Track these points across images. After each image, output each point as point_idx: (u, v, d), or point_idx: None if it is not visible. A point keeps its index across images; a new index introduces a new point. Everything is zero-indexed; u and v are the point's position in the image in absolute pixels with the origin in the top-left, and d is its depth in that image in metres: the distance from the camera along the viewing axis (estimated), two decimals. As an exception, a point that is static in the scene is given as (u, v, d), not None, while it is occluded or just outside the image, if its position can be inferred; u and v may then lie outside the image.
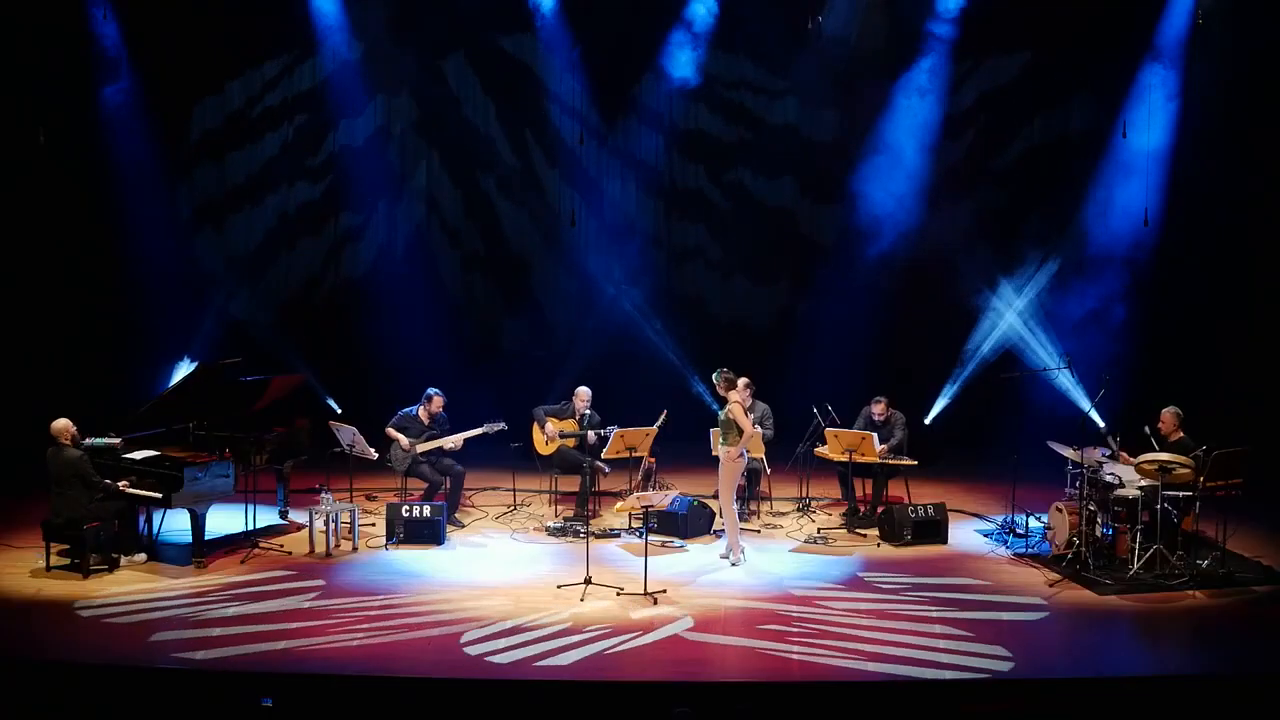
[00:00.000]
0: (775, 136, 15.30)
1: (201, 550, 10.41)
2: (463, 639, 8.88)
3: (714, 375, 10.65)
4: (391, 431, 11.71)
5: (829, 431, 11.65)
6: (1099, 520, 10.49)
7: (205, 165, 14.97)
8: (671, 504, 11.12)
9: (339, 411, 14.21)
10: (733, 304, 15.65)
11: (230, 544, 11.00)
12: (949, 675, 8.32)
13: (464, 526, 11.76)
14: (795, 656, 8.62)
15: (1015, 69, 14.89)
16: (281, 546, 11.01)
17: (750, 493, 12.06)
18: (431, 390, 11.82)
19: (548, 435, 12.09)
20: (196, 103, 14.79)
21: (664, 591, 9.76)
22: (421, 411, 11.78)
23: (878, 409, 11.96)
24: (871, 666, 8.46)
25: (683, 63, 14.75)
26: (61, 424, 10.16)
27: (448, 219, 15.47)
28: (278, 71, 14.92)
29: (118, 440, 10.56)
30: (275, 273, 15.28)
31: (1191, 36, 13.85)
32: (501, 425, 11.86)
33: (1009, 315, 14.64)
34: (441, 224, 15.46)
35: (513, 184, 15.39)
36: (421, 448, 11.67)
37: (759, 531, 11.63)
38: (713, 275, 15.64)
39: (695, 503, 11.47)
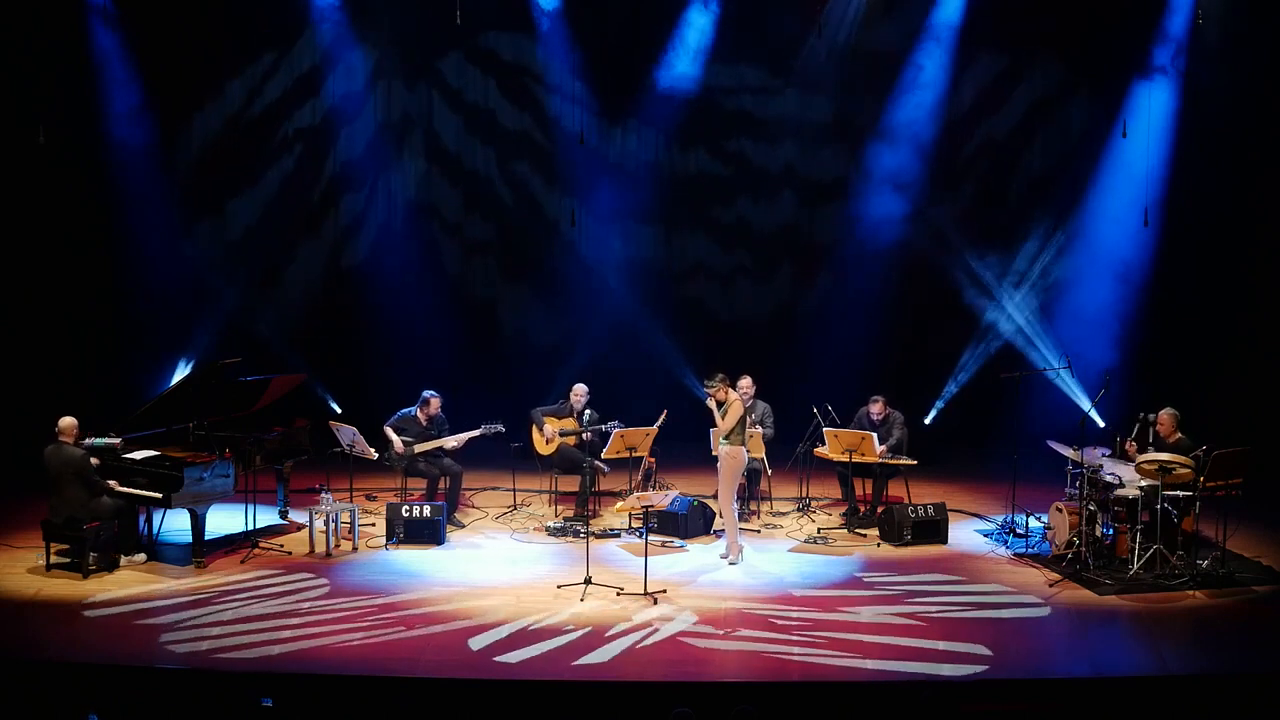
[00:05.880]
0: (776, 136, 15.27)
1: (201, 550, 10.41)
2: (463, 639, 8.88)
3: (710, 382, 10.58)
4: (389, 432, 11.71)
5: (828, 431, 11.64)
6: (1099, 520, 10.49)
7: (205, 162, 14.91)
8: (671, 504, 11.12)
9: (339, 411, 14.21)
10: (733, 303, 15.63)
11: (230, 544, 11.01)
12: (948, 675, 8.32)
13: (464, 526, 11.76)
14: (795, 656, 8.62)
15: (1015, 68, 14.86)
16: (281, 546, 11.01)
17: (750, 493, 12.06)
18: (428, 393, 11.82)
19: (547, 436, 12.09)
20: (196, 97, 14.72)
21: (664, 591, 9.77)
22: (419, 414, 11.78)
23: (875, 408, 11.96)
24: (871, 666, 8.47)
25: (684, 61, 14.73)
26: (68, 422, 10.17)
27: (447, 218, 15.45)
28: (277, 66, 14.86)
29: (118, 440, 10.56)
30: (275, 271, 15.23)
31: (1192, 35, 13.84)
32: (499, 428, 11.87)
33: (1009, 315, 14.64)
34: (441, 223, 15.43)
35: (512, 182, 15.37)
36: (420, 448, 11.67)
37: (759, 531, 11.63)
38: (713, 275, 15.62)
39: (695, 503, 11.47)
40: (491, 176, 15.35)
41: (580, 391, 12.17)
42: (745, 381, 11.73)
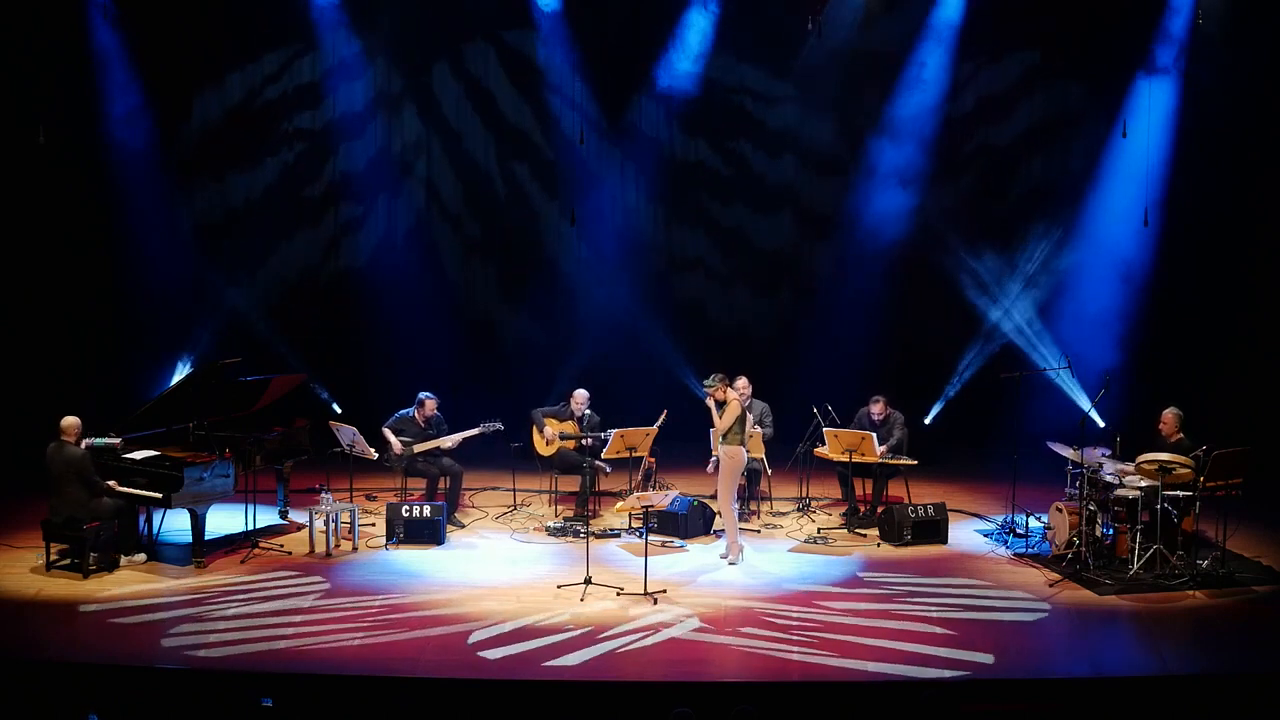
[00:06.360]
0: (775, 137, 15.26)
1: (201, 550, 10.41)
2: (463, 639, 8.88)
3: (708, 382, 10.60)
4: (387, 433, 11.71)
5: (828, 431, 11.64)
6: (1099, 520, 10.49)
7: (205, 162, 14.91)
8: (671, 504, 11.12)
9: (339, 411, 14.21)
10: (732, 303, 15.62)
11: (230, 544, 11.01)
12: (948, 675, 8.32)
13: (464, 526, 11.76)
14: (795, 656, 8.62)
15: (1015, 69, 14.86)
16: (281, 546, 11.01)
17: (750, 493, 12.06)
18: (423, 394, 11.82)
19: (547, 438, 12.09)
20: (197, 97, 14.72)
21: (664, 591, 9.76)
22: (416, 415, 11.78)
23: (876, 408, 11.96)
24: (871, 666, 8.47)
25: (684, 61, 14.74)
26: (70, 421, 10.18)
27: (447, 217, 15.44)
28: (278, 66, 14.87)
29: (118, 440, 10.56)
30: (274, 270, 15.21)
31: (1192, 36, 13.84)
32: (498, 425, 11.87)
33: (1009, 315, 14.63)
34: (441, 221, 15.42)
35: (512, 181, 15.36)
36: (419, 448, 11.68)
37: (759, 531, 11.63)
38: (713, 275, 15.61)
39: (695, 503, 11.47)
40: (491, 176, 15.35)
41: (581, 398, 12.16)
42: (741, 382, 11.71)
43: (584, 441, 11.97)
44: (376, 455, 11.74)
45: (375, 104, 15.04)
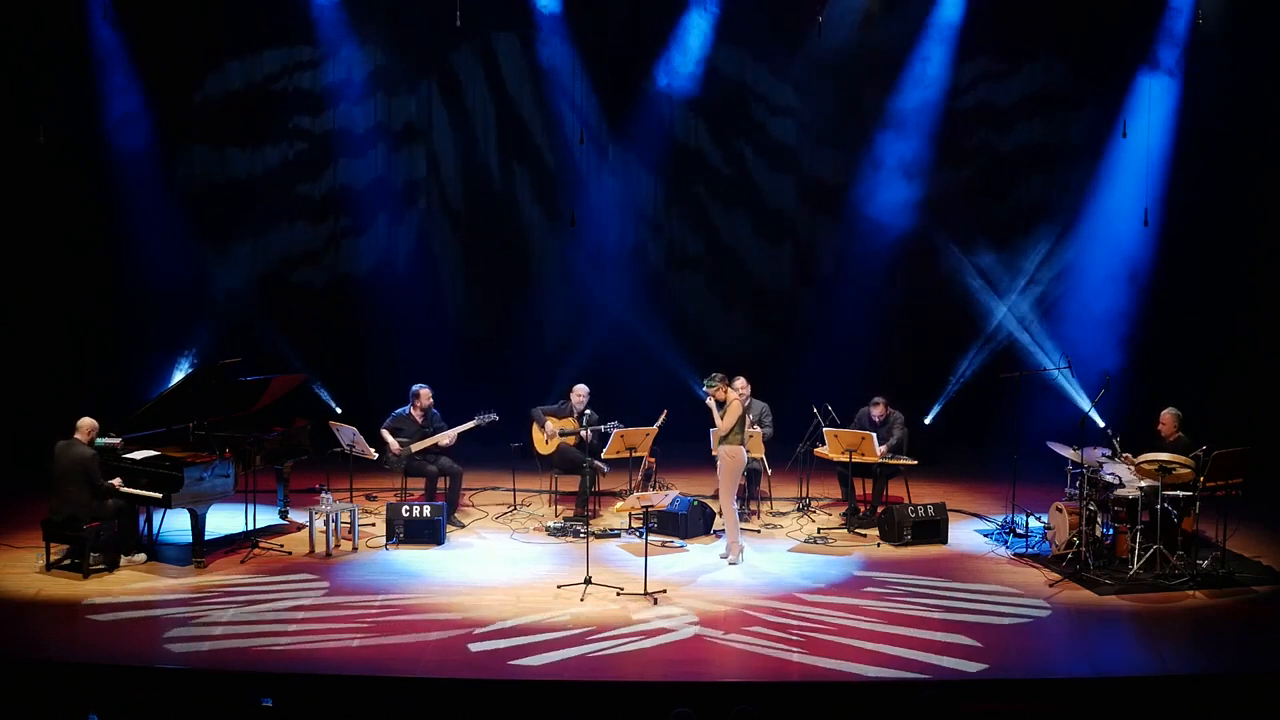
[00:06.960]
0: (775, 138, 15.27)
1: (201, 550, 10.41)
2: (463, 639, 8.88)
3: (708, 381, 10.62)
4: (385, 434, 11.71)
5: (829, 432, 11.64)
6: (1099, 520, 10.49)
7: (204, 164, 14.90)
8: (671, 504, 11.12)
9: (339, 411, 14.21)
10: (731, 303, 15.63)
11: (230, 544, 11.01)
12: (948, 675, 8.31)
13: (464, 526, 11.76)
14: (795, 656, 8.62)
15: (1016, 69, 14.86)
16: (281, 546, 11.01)
17: (750, 493, 12.06)
18: (417, 386, 11.82)
19: (548, 434, 12.10)
20: (198, 92, 14.73)
21: (664, 591, 9.77)
22: (414, 410, 11.78)
23: (876, 410, 11.95)
24: (871, 667, 8.46)
25: (684, 64, 14.75)
26: (88, 422, 10.22)
27: (448, 217, 15.45)
28: (279, 67, 14.87)
29: (118, 440, 10.56)
30: (275, 269, 15.19)
31: (1192, 36, 13.85)
32: (493, 417, 11.88)
33: (1009, 315, 14.64)
34: (440, 223, 15.43)
35: (512, 182, 15.37)
36: (416, 447, 11.67)
37: (759, 531, 11.63)
38: (713, 275, 15.61)
39: (695, 503, 11.47)
40: (491, 176, 15.34)
41: (581, 392, 12.17)
42: (740, 382, 11.70)
43: (584, 436, 11.97)
44: (376, 455, 11.74)
45: (374, 108, 15.01)
